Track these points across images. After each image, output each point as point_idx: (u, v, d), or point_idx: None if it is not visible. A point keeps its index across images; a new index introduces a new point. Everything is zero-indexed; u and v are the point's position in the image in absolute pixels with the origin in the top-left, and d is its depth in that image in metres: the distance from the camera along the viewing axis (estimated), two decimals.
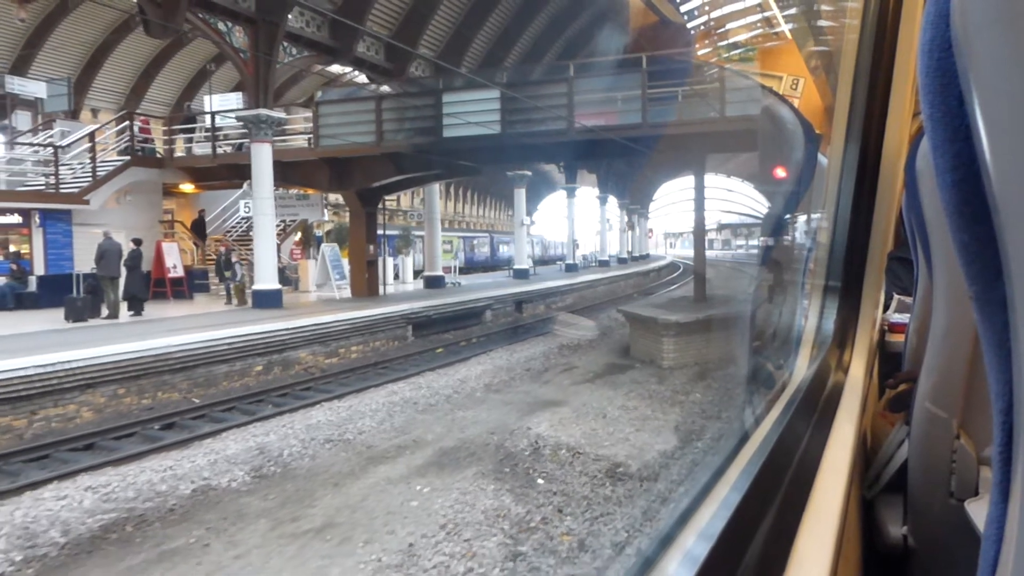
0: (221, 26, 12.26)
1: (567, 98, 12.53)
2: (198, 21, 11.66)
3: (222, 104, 18.86)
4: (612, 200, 40.17)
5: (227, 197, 21.04)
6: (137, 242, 12.19)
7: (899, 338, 2.01)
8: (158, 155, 16.18)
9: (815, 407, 1.18)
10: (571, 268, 30.96)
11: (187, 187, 17.55)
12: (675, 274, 37.23)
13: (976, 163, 0.31)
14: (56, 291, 13.89)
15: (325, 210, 19.77)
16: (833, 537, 0.70)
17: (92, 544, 4.75)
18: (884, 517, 1.30)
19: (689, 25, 22.15)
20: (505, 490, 5.64)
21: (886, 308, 2.43)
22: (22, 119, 21.22)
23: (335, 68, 22.96)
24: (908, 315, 1.85)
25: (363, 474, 6.23)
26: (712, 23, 22.16)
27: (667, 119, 12.45)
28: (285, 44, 13.53)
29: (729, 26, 21.55)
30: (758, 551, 0.64)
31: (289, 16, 13.23)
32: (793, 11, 18.20)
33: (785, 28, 18.30)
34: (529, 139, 13.13)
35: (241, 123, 13.75)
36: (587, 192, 39.51)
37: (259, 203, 12.97)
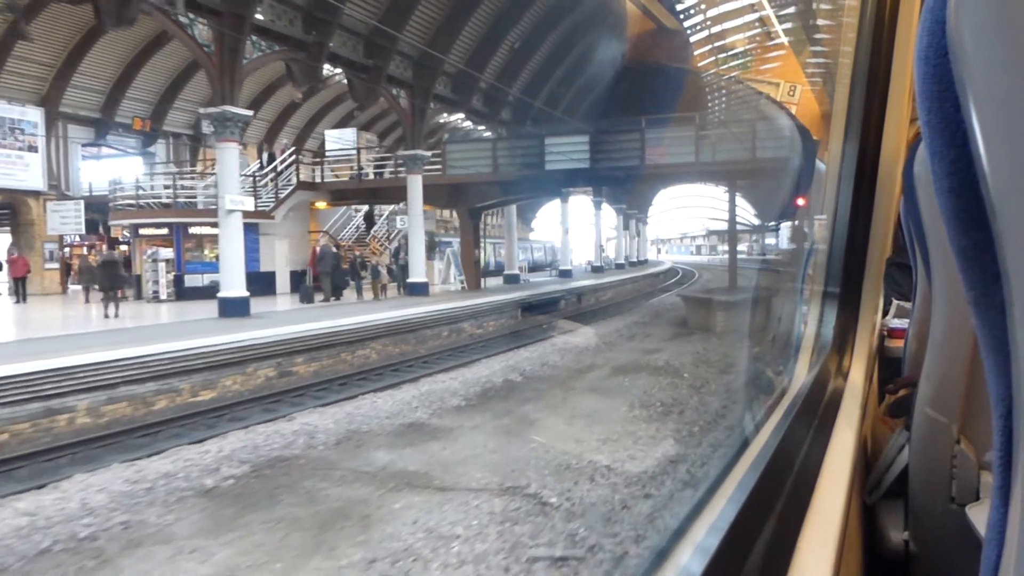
0: (394, 91, 17.06)
1: (640, 142, 17.51)
2: (386, 93, 16.46)
3: (340, 138, 23.63)
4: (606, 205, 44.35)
5: (335, 213, 25.74)
6: (337, 247, 16.88)
7: (898, 343, 1.99)
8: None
9: (815, 413, 1.19)
10: (597, 269, 35.94)
11: (321, 205, 22.21)
12: (679, 276, 42.34)
13: (973, 168, 0.31)
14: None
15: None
16: (834, 543, 0.71)
17: (483, 397, 9.51)
18: (885, 522, 1.31)
19: (686, 25, 23.87)
20: (669, 376, 10.48)
21: (885, 313, 2.43)
22: (159, 148, 25.88)
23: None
24: (907, 320, 1.85)
25: (581, 377, 11.03)
26: (709, 22, 23.48)
27: (711, 158, 17.47)
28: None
29: (726, 26, 23.06)
30: (759, 558, 0.65)
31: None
32: (791, 12, 19.47)
33: (781, 32, 19.60)
34: (609, 172, 18.09)
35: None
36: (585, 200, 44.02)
37: (413, 219, 17.74)
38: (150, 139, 25.21)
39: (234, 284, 12.60)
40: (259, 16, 12.93)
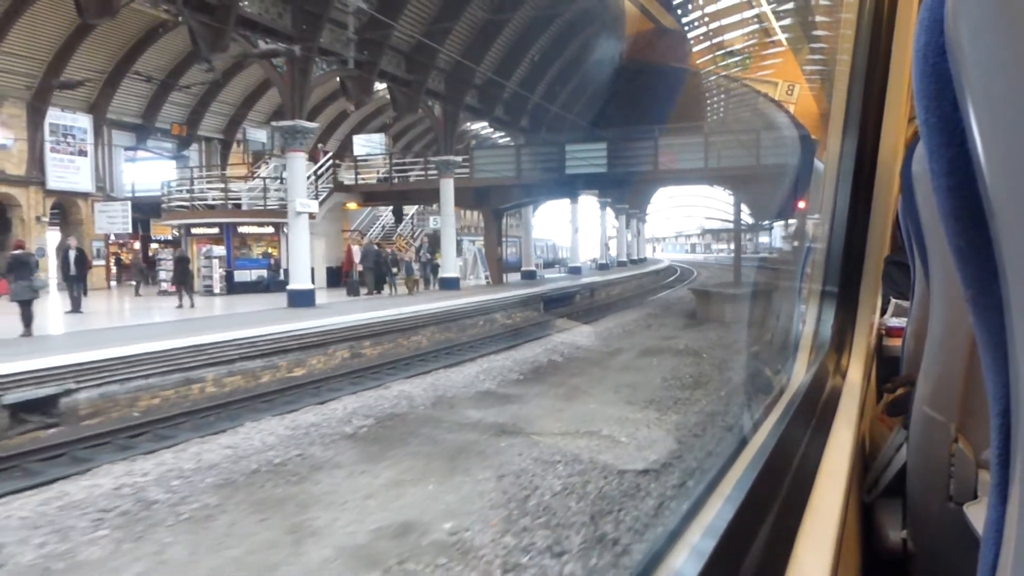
0: (430, 103, 18.64)
1: (653, 149, 19.15)
2: (423, 104, 18.04)
3: (367, 143, 25.15)
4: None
5: (361, 213, 27.25)
6: (379, 245, 18.43)
7: (897, 342, 2.00)
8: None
9: (813, 412, 1.20)
10: (602, 267, 37.70)
11: (352, 205, 23.74)
12: (679, 274, 44.01)
13: (971, 167, 0.31)
14: None
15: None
16: (832, 542, 0.71)
17: (536, 373, 11.09)
18: (883, 521, 1.31)
19: (685, 24, 23.94)
20: (691, 356, 12.11)
21: (883, 312, 2.43)
22: (192, 152, 27.31)
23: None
24: (905, 319, 1.86)
25: (613, 358, 12.63)
26: (711, 32, 23.75)
27: (718, 163, 19.13)
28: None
29: (729, 35, 23.46)
30: (757, 557, 0.65)
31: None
32: (789, 10, 19.51)
33: (779, 31, 19.66)
34: (624, 177, 19.72)
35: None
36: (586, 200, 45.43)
37: (445, 219, 19.31)
38: (185, 143, 26.59)
39: (302, 278, 14.15)
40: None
